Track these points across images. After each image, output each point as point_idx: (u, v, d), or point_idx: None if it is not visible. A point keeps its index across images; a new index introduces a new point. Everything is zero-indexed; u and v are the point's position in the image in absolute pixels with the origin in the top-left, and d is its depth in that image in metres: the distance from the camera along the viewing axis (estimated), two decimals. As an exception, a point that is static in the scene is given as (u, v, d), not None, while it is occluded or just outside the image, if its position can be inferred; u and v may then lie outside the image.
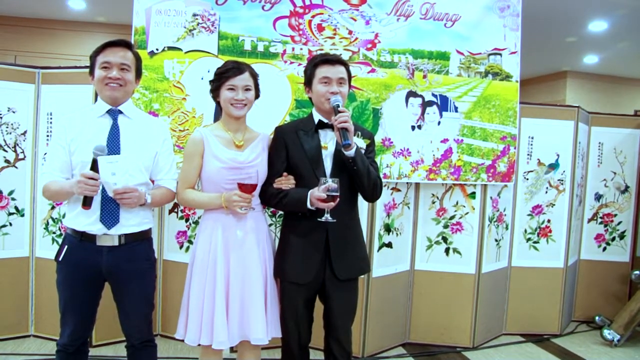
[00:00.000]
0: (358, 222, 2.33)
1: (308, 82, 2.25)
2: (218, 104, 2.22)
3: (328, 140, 2.21)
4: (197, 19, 2.92)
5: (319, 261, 2.17)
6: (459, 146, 3.29)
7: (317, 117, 2.24)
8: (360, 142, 2.19)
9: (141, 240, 2.11)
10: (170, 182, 2.19)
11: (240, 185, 2.04)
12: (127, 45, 2.09)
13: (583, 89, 7.76)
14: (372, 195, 2.28)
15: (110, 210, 2.00)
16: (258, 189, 2.18)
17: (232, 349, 3.10)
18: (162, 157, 2.15)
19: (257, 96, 2.23)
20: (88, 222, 2.00)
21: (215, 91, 2.19)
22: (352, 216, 2.29)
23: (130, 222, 2.05)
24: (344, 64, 2.24)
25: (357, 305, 2.33)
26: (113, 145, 2.02)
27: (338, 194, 2.02)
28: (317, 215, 2.09)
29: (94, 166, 1.91)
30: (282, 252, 2.26)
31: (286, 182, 2.19)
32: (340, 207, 2.09)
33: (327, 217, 2.06)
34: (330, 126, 2.18)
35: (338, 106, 2.11)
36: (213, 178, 2.15)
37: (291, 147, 2.21)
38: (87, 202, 1.93)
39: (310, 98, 2.28)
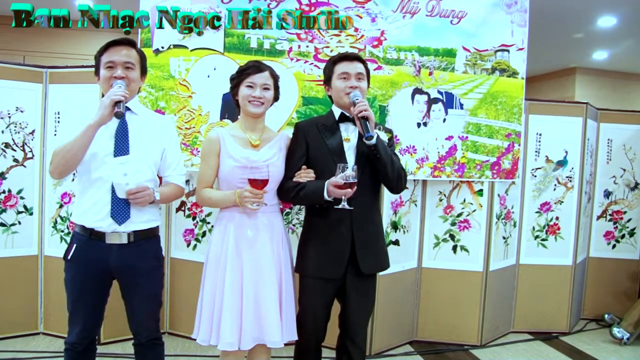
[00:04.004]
0: (380, 216, 2.31)
1: (327, 80, 2.26)
2: (237, 102, 2.21)
3: (350, 133, 2.21)
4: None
5: (346, 256, 2.15)
6: (464, 143, 3.27)
7: (337, 112, 2.24)
8: (382, 135, 2.19)
9: (149, 238, 2.11)
10: (178, 177, 2.19)
11: (251, 180, 2.01)
12: (130, 43, 2.08)
13: (592, 85, 7.70)
14: (398, 185, 2.24)
15: (121, 205, 2.01)
16: (274, 187, 2.16)
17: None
18: (170, 154, 2.16)
19: (276, 98, 2.22)
20: (98, 218, 2.00)
21: (234, 89, 2.19)
22: (376, 209, 2.28)
23: (140, 219, 2.06)
24: (362, 61, 2.25)
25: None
26: (122, 141, 2.03)
27: (356, 180, 1.99)
28: (333, 205, 2.07)
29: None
30: (305, 246, 2.23)
31: (305, 175, 2.15)
32: (363, 200, 2.09)
33: (344, 204, 2.03)
34: (351, 120, 2.19)
35: (358, 100, 2.11)
36: (227, 177, 2.14)
37: (312, 141, 2.20)
38: (118, 111, 1.92)
39: (330, 96, 2.29)
